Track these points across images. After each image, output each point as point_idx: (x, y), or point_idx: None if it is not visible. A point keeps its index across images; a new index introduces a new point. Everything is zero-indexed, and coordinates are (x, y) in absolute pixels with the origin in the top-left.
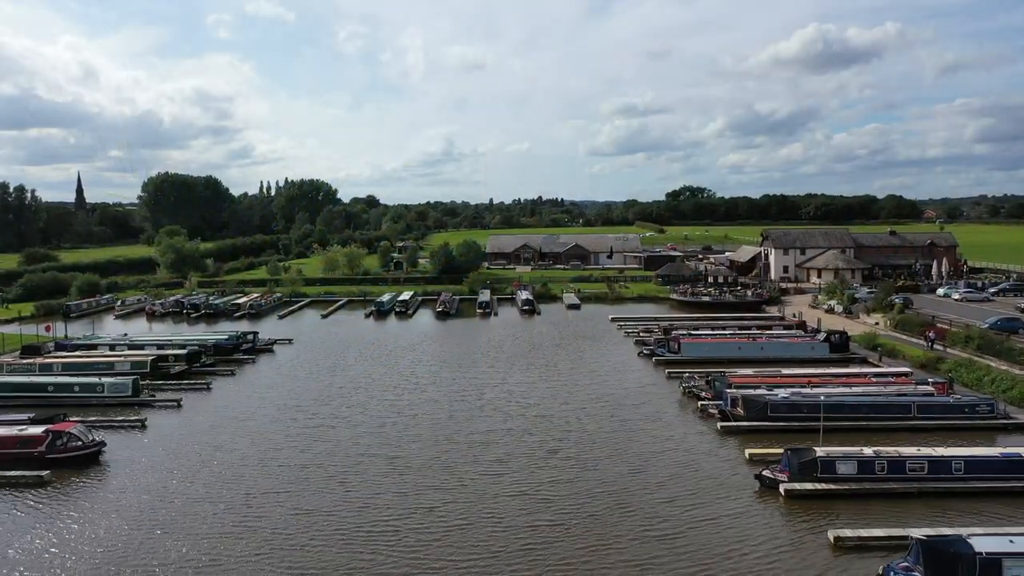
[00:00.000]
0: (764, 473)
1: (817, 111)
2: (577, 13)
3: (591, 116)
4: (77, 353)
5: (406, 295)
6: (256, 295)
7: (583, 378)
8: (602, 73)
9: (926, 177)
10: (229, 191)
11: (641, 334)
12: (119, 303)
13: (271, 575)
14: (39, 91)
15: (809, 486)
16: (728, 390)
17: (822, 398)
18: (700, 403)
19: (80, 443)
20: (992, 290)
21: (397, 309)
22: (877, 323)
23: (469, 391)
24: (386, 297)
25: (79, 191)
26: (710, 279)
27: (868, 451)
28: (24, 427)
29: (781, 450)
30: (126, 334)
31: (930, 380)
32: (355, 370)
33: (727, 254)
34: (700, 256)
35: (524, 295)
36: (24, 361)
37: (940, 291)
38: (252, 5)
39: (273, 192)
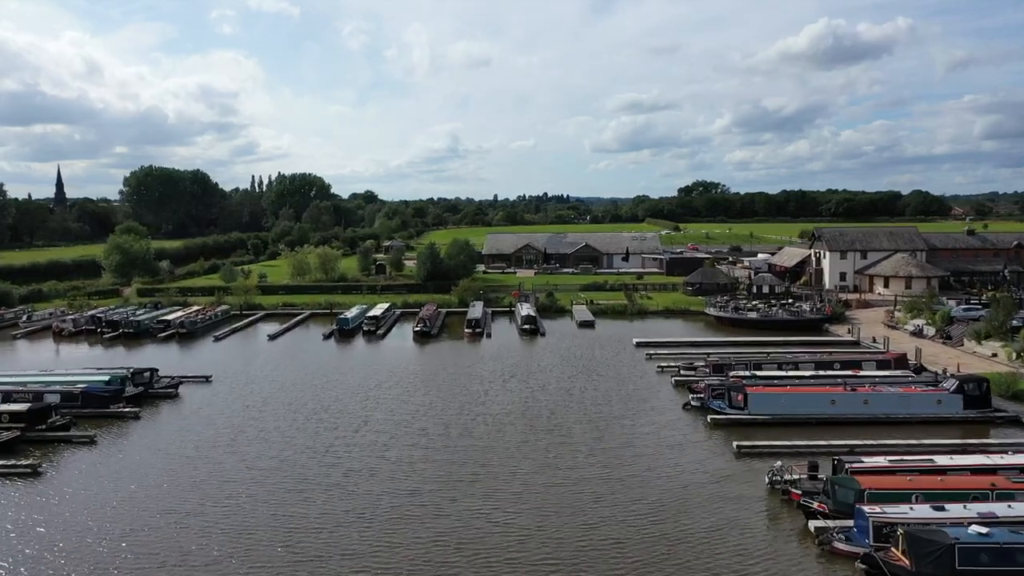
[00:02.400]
0: None
1: (824, 107)
2: (581, 9)
3: (596, 112)
4: None
5: (380, 308)
6: (195, 308)
7: (612, 461)
8: (607, 69)
9: (933, 174)
10: (218, 186)
11: (683, 372)
12: (25, 318)
13: None
14: (43, 87)
15: None
16: (867, 509)
17: None
18: (813, 525)
19: None
20: None
21: (365, 327)
22: (995, 355)
23: (427, 495)
24: (352, 312)
25: (59, 186)
26: (753, 289)
27: None
28: None
29: None
30: None
31: None
32: (267, 441)
33: (760, 256)
34: (730, 259)
35: (525, 310)
36: None
37: None
38: (256, 1)
39: (267, 187)
